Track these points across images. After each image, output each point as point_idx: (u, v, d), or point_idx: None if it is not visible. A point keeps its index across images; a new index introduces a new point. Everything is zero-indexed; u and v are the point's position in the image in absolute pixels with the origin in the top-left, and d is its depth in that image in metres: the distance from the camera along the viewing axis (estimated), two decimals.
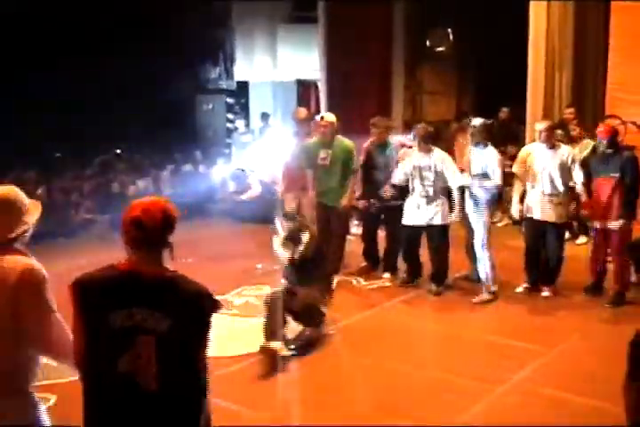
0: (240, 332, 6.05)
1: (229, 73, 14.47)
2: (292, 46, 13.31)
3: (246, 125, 13.88)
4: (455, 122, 10.94)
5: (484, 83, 12.53)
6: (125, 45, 11.92)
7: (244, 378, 5.14)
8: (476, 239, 6.72)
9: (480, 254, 6.71)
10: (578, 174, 6.57)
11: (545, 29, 9.23)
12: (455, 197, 6.81)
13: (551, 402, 4.67)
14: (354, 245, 7.95)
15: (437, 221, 6.87)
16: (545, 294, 6.75)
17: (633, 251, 5.96)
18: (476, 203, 6.68)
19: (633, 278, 6.85)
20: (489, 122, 7.32)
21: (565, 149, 6.72)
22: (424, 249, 7.17)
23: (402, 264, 7.40)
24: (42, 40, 11.36)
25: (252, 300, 6.80)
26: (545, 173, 6.60)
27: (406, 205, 7.04)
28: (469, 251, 7.00)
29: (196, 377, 2.59)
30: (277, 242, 6.10)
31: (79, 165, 11.45)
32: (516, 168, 6.89)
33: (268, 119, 12.84)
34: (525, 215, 6.85)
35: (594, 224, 6.68)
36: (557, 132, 7.56)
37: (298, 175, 8.04)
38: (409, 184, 7.01)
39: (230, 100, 14.75)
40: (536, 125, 6.98)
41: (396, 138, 7.59)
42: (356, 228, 8.67)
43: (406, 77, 11.86)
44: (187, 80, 13.83)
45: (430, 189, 6.88)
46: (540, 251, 6.83)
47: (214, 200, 11.17)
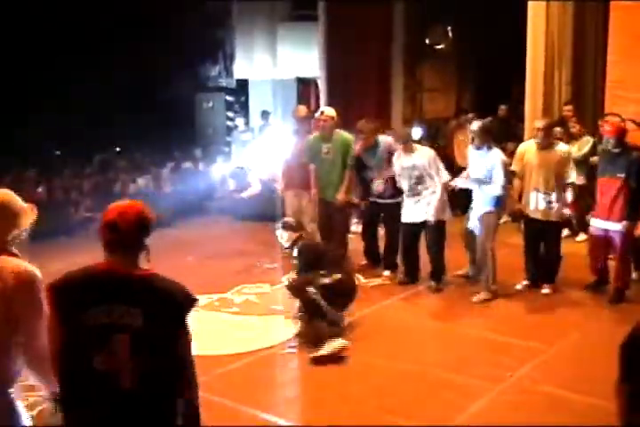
0: (240, 330, 6.07)
1: (229, 71, 14.46)
2: (291, 44, 13.29)
3: (246, 123, 13.86)
4: (454, 119, 10.97)
5: (483, 81, 12.54)
6: (125, 45, 11.94)
7: (244, 376, 5.16)
8: (479, 238, 6.68)
9: (482, 253, 6.68)
10: (572, 173, 6.55)
11: (544, 27, 9.21)
12: (438, 193, 6.81)
13: (550, 400, 4.68)
14: (354, 243, 7.95)
15: (432, 217, 6.87)
16: (545, 291, 6.77)
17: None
18: (484, 202, 6.64)
19: (633, 275, 6.87)
20: (487, 122, 7.30)
21: (562, 148, 6.70)
22: (423, 249, 7.19)
23: (402, 263, 7.40)
24: (41, 39, 11.37)
25: (252, 298, 6.81)
26: (540, 171, 6.57)
27: (404, 203, 7.08)
28: (469, 248, 6.98)
29: (174, 375, 2.58)
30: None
31: (79, 163, 11.47)
32: (513, 166, 6.89)
33: (268, 117, 12.83)
34: (523, 213, 6.86)
35: (594, 223, 6.62)
36: (556, 130, 7.57)
37: (298, 173, 8.04)
38: (401, 184, 7.07)
39: (230, 99, 14.73)
40: (535, 123, 6.98)
41: (383, 138, 7.51)
42: (355, 226, 8.68)
43: (406, 75, 11.85)
44: (186, 78, 13.84)
45: (420, 187, 6.91)
46: (539, 248, 6.84)
47: (214, 198, 11.17)
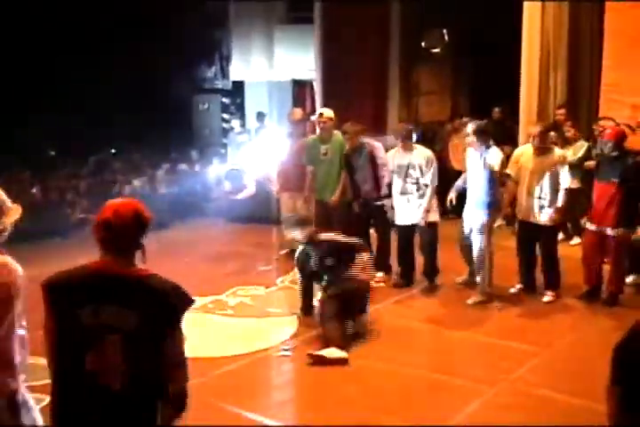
0: (235, 332, 6.06)
1: (225, 73, 14.47)
2: (288, 46, 13.31)
3: (242, 125, 13.88)
4: (450, 123, 10.98)
5: (478, 84, 12.56)
6: (125, 45, 11.93)
7: (239, 378, 5.15)
8: (475, 241, 6.64)
9: (478, 256, 6.65)
10: (565, 179, 6.48)
11: (539, 30, 9.21)
12: (428, 195, 6.81)
13: (545, 402, 4.69)
14: None
15: (422, 219, 6.87)
16: (546, 298, 6.65)
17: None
18: (478, 205, 6.60)
19: (628, 280, 6.88)
20: (483, 123, 7.30)
21: (557, 153, 6.65)
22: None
23: (396, 265, 7.39)
24: (41, 39, 11.36)
25: (247, 300, 6.80)
26: (535, 175, 6.54)
27: (395, 204, 7.06)
28: (467, 259, 6.91)
29: (165, 377, 2.55)
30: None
31: (77, 164, 11.45)
32: (509, 169, 6.89)
33: (263, 119, 12.84)
34: (517, 217, 6.86)
35: (589, 226, 6.58)
36: (551, 134, 7.57)
37: (293, 174, 8.05)
38: (394, 183, 7.02)
39: (226, 100, 14.74)
40: (530, 128, 6.94)
41: (368, 140, 7.43)
42: None
43: (402, 78, 11.87)
44: (183, 80, 13.83)
45: (415, 187, 6.90)
46: (533, 252, 6.83)
47: (209, 200, 11.17)
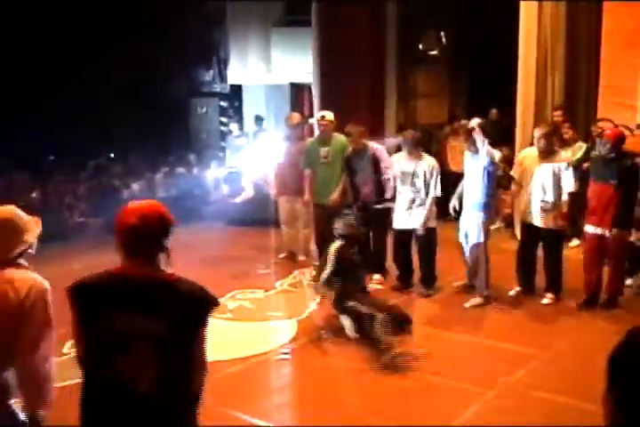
0: (234, 335, 6.05)
1: (223, 76, 14.47)
2: (285, 50, 13.30)
3: (240, 129, 13.89)
4: (448, 125, 10.99)
5: (476, 85, 12.57)
6: (125, 45, 11.93)
7: (238, 382, 5.14)
8: (472, 243, 6.65)
9: (475, 258, 6.65)
10: (568, 183, 6.47)
11: (536, 30, 9.18)
12: (428, 204, 6.82)
13: (543, 405, 4.69)
14: None
15: (420, 225, 6.86)
16: (545, 301, 6.65)
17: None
18: (474, 208, 6.59)
19: (627, 282, 6.87)
20: (481, 122, 7.29)
21: (561, 155, 6.64)
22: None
23: (393, 269, 7.36)
24: (40, 40, 11.36)
25: (246, 304, 6.80)
26: (539, 178, 6.53)
27: (395, 209, 7.05)
28: (463, 253, 6.91)
29: (193, 379, 2.58)
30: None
31: (73, 168, 11.44)
32: (513, 172, 6.88)
33: (261, 122, 12.85)
34: (521, 220, 6.85)
35: (588, 228, 6.53)
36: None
37: (291, 178, 8.04)
38: (398, 187, 7.02)
39: (224, 104, 14.75)
40: (535, 131, 6.90)
41: (371, 143, 7.44)
42: None
43: (399, 81, 11.85)
44: (182, 80, 13.84)
45: (417, 195, 6.89)
46: (534, 255, 6.80)
47: (208, 203, 11.17)
